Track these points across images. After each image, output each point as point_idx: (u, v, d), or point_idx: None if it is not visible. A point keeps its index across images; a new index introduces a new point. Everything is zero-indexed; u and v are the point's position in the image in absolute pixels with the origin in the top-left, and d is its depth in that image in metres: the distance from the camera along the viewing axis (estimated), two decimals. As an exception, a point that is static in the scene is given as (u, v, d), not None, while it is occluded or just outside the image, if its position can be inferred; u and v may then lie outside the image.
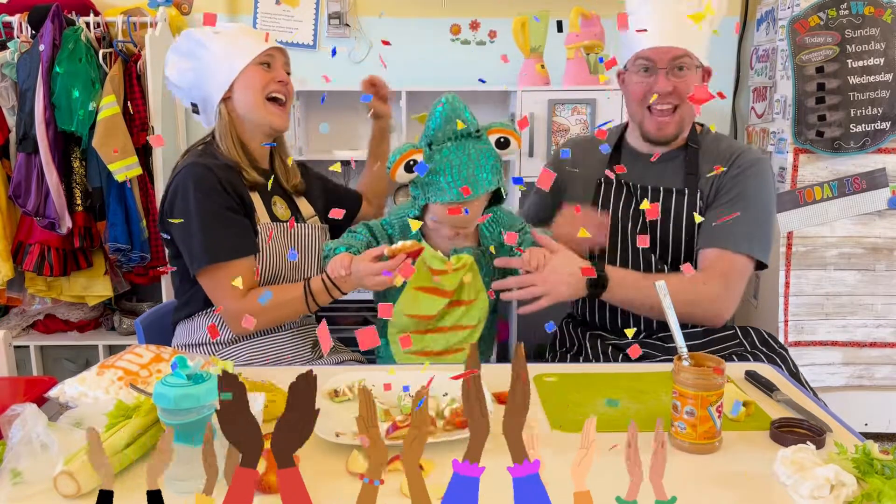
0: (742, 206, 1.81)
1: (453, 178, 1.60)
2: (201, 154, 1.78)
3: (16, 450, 1.08)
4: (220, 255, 1.68)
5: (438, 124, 1.62)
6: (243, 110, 1.79)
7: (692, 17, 1.66)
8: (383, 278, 1.58)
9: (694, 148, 1.90)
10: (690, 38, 1.79)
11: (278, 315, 1.74)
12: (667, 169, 1.91)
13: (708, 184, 1.87)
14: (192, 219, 1.68)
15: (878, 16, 2.67)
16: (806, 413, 1.32)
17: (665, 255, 1.90)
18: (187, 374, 1.06)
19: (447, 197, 1.61)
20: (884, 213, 2.82)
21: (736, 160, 1.86)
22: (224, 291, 1.69)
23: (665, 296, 1.29)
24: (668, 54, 1.80)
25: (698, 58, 1.81)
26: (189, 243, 1.71)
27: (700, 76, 1.85)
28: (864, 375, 2.93)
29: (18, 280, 3.07)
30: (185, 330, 1.81)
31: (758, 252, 1.82)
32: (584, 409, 1.37)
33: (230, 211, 1.71)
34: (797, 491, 1.04)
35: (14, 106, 2.93)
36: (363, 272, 1.59)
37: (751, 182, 1.84)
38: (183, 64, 1.81)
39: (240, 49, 1.77)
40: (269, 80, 1.79)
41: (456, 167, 1.60)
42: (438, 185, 1.62)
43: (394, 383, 1.42)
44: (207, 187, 1.69)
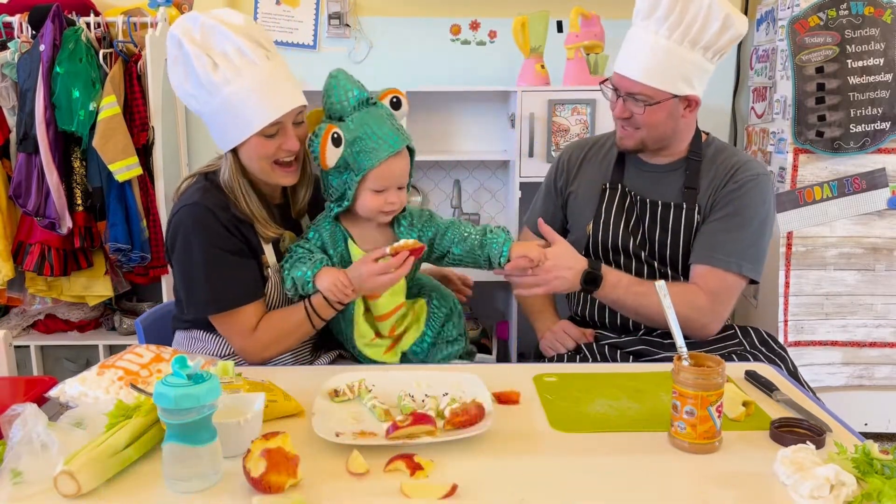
0: (737, 223, 1.81)
1: (378, 137, 1.58)
2: (206, 191, 1.65)
3: (16, 450, 1.08)
4: (225, 304, 1.63)
5: (340, 96, 1.60)
6: (249, 168, 1.65)
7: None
8: (387, 277, 1.57)
9: (695, 160, 1.90)
10: (658, 73, 1.76)
11: (289, 342, 1.69)
12: (667, 180, 1.92)
13: (706, 197, 1.86)
14: (195, 265, 1.61)
15: (878, 16, 2.67)
16: (806, 413, 1.32)
17: (664, 265, 1.90)
18: (187, 374, 1.07)
19: (383, 153, 1.58)
20: (884, 213, 2.81)
21: (734, 174, 1.85)
22: (232, 332, 1.66)
23: (665, 296, 1.29)
24: (626, 85, 1.81)
25: (669, 92, 1.77)
26: (193, 289, 1.64)
27: (674, 107, 1.81)
28: (863, 375, 2.93)
29: (19, 280, 3.07)
30: (184, 338, 1.78)
31: (748, 271, 1.81)
32: (584, 409, 1.37)
33: (236, 255, 1.63)
34: (797, 491, 1.04)
35: (14, 106, 2.93)
36: (366, 274, 1.57)
37: (747, 198, 1.83)
38: (187, 86, 1.60)
39: (244, 117, 1.57)
40: (275, 149, 1.61)
41: (376, 125, 1.59)
42: (367, 148, 1.58)
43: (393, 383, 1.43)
44: (210, 231, 1.61)
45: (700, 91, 1.83)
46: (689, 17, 1.72)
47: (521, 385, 1.46)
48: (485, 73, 3.41)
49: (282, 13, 3.32)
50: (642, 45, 1.77)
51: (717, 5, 1.71)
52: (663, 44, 1.74)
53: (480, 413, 1.26)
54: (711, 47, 1.76)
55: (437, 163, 3.40)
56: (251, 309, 1.65)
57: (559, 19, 3.23)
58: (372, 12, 3.36)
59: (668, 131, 1.85)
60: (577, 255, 1.78)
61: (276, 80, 1.59)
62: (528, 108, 2.97)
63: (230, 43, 1.54)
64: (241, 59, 1.55)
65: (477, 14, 3.38)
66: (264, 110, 1.57)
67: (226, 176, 1.66)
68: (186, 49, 1.54)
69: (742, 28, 1.75)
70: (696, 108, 1.86)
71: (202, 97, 1.58)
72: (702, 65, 1.78)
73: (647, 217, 1.90)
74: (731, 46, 1.80)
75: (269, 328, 1.66)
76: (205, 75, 1.54)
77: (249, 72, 1.55)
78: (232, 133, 1.60)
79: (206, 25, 1.55)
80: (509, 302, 3.28)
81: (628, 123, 1.85)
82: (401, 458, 1.13)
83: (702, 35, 1.73)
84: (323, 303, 1.63)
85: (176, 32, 1.57)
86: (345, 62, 3.35)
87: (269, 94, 1.57)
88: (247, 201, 1.65)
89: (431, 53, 3.39)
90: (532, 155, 2.99)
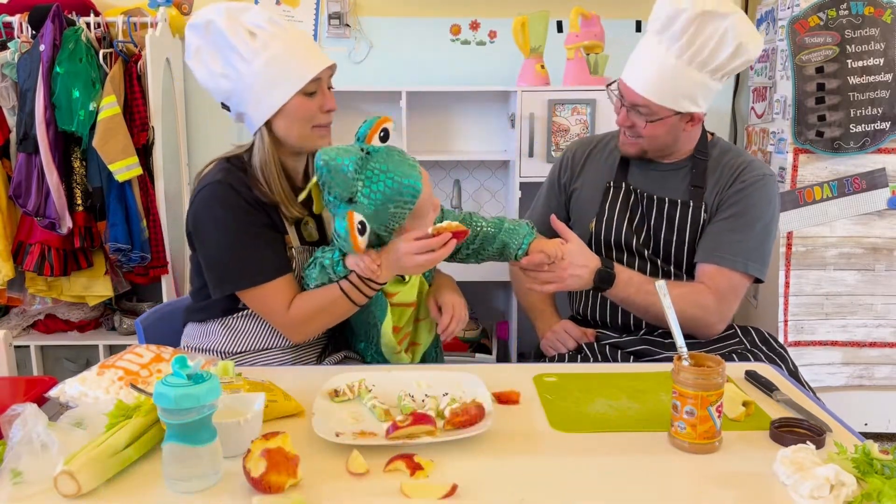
0: (743, 223, 1.82)
1: (401, 203, 1.52)
2: (227, 171, 1.65)
3: (16, 450, 1.08)
4: (257, 278, 1.62)
5: (339, 180, 1.49)
6: (286, 137, 1.66)
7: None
8: (426, 257, 1.54)
9: (701, 159, 1.90)
10: (663, 90, 1.77)
11: (327, 319, 1.67)
12: (673, 178, 1.92)
13: (712, 195, 1.87)
14: (224, 242, 1.62)
15: (878, 16, 2.67)
16: (806, 413, 1.32)
17: (668, 262, 1.91)
18: (187, 374, 1.07)
19: (409, 205, 1.53)
20: (884, 213, 2.82)
21: (740, 174, 1.86)
22: (268, 309, 1.65)
23: (665, 295, 1.29)
24: (630, 97, 1.82)
25: (672, 109, 1.78)
26: (223, 267, 1.64)
27: (676, 122, 1.82)
28: (863, 375, 2.93)
29: (19, 280, 3.07)
30: (197, 332, 1.77)
31: (754, 270, 1.83)
32: (584, 409, 1.37)
33: (263, 230, 1.64)
34: (797, 491, 1.04)
35: (14, 106, 2.93)
36: (403, 251, 1.54)
37: (754, 198, 1.84)
38: (215, 67, 1.62)
39: (286, 76, 1.60)
40: (315, 109, 1.65)
41: (392, 192, 1.50)
42: (396, 211, 1.53)
43: (393, 383, 1.43)
44: (236, 207, 1.62)
45: (704, 108, 1.83)
46: (701, 39, 1.71)
47: (521, 385, 1.46)
48: (485, 73, 3.41)
49: (282, 13, 3.32)
50: (651, 60, 1.77)
51: (731, 32, 1.70)
52: (672, 62, 1.74)
53: (480, 413, 1.26)
54: (721, 70, 1.76)
55: (437, 163, 3.40)
56: (283, 284, 1.64)
57: (559, 19, 3.24)
58: (372, 12, 3.36)
59: (669, 142, 1.87)
60: (590, 254, 1.79)
61: (309, 40, 1.68)
62: (528, 108, 2.97)
63: (259, 16, 1.61)
64: (274, 27, 1.61)
65: (477, 14, 3.38)
66: (306, 66, 1.62)
67: (259, 155, 1.67)
68: (218, 27, 1.58)
69: (754, 54, 1.75)
70: (699, 123, 1.87)
71: (238, 70, 1.60)
72: (708, 84, 1.78)
73: (654, 214, 1.90)
74: (740, 69, 1.80)
75: (304, 304, 1.65)
76: (243, 45, 1.58)
77: (285, 35, 1.61)
78: (275, 95, 1.62)
79: (231, 9, 1.61)
80: (509, 302, 3.28)
81: (630, 132, 1.87)
82: (401, 458, 1.13)
83: (712, 59, 1.73)
84: (355, 280, 1.60)
85: (199, 21, 1.61)
86: (345, 62, 3.35)
87: (307, 52, 1.64)
88: (278, 180, 1.66)
89: (431, 53, 3.39)
90: (532, 155, 2.99)
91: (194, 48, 1.63)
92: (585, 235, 1.98)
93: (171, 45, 3.17)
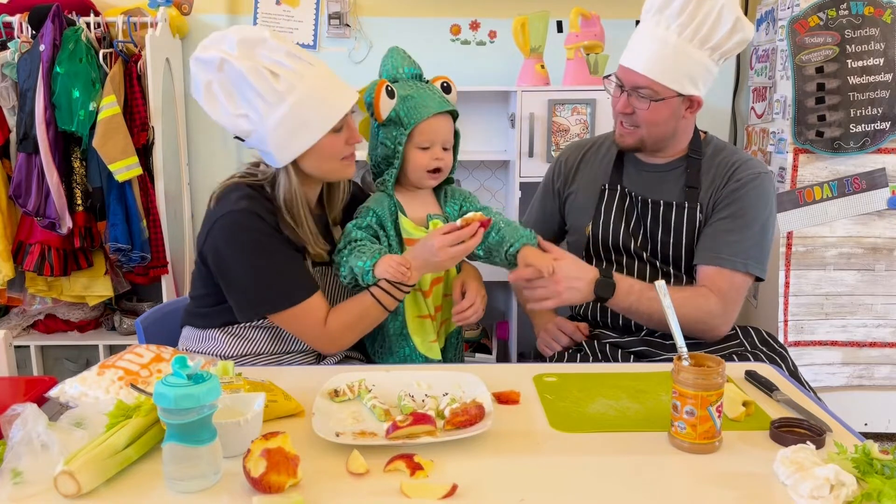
0: (741, 223, 1.81)
1: (428, 97, 1.69)
2: (252, 199, 1.62)
3: (16, 449, 1.08)
4: (295, 297, 1.61)
5: (397, 63, 1.74)
6: (313, 172, 1.66)
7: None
8: (460, 248, 1.60)
9: (695, 158, 1.90)
10: (665, 69, 1.76)
11: (363, 327, 1.69)
12: (668, 179, 1.92)
13: (707, 195, 1.86)
14: (257, 266, 1.60)
15: (877, 16, 2.67)
16: (806, 413, 1.32)
17: (667, 264, 1.91)
18: (187, 374, 1.07)
19: (430, 109, 1.68)
20: (884, 213, 2.82)
21: (735, 173, 1.85)
22: (304, 327, 1.65)
23: (665, 295, 1.29)
24: (631, 79, 1.80)
25: (674, 90, 1.77)
26: (258, 291, 1.62)
27: (677, 106, 1.81)
28: (863, 375, 2.93)
29: (19, 280, 3.07)
30: (195, 337, 1.76)
31: (755, 269, 1.82)
32: (584, 409, 1.37)
33: (291, 248, 1.64)
34: (797, 491, 1.04)
35: (14, 106, 2.93)
36: (437, 245, 1.59)
37: (750, 197, 1.82)
38: (232, 107, 1.56)
39: (315, 118, 1.57)
40: (342, 145, 1.64)
41: (426, 90, 1.71)
42: (416, 105, 1.68)
43: (393, 383, 1.43)
44: (263, 231, 1.60)
45: (703, 92, 1.83)
46: (701, 15, 1.72)
47: (521, 385, 1.46)
48: (485, 73, 3.41)
49: (282, 13, 3.32)
50: (651, 41, 1.77)
51: (728, 7, 1.72)
52: (673, 40, 1.74)
53: (480, 413, 1.26)
54: (719, 49, 1.76)
55: (437, 163, 3.40)
56: (319, 300, 1.65)
57: (559, 19, 3.24)
58: (372, 12, 3.36)
59: (668, 131, 1.85)
60: (586, 266, 1.78)
61: (331, 75, 1.62)
62: (528, 108, 2.97)
63: (278, 52, 1.54)
64: (296, 62, 1.55)
65: (477, 14, 3.38)
66: (334, 106, 1.59)
67: (284, 193, 1.63)
68: (234, 67, 1.51)
69: (750, 33, 1.76)
70: (698, 109, 1.86)
71: (260, 113, 1.54)
72: (708, 66, 1.78)
73: (649, 217, 1.90)
74: (737, 50, 1.80)
75: (340, 317, 1.66)
76: (265, 86, 1.52)
77: (309, 73, 1.56)
78: (302, 137, 1.58)
79: (244, 43, 1.53)
80: (509, 302, 3.28)
81: (629, 120, 1.85)
82: (401, 458, 1.13)
83: (712, 34, 1.73)
84: (386, 286, 1.63)
85: (209, 57, 1.52)
86: (345, 62, 3.35)
87: (333, 91, 1.61)
88: (305, 221, 1.65)
89: (431, 53, 3.38)
90: (532, 155, 2.99)
91: (204, 83, 1.55)
92: (583, 239, 1.98)
93: (171, 46, 3.17)
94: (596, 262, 1.96)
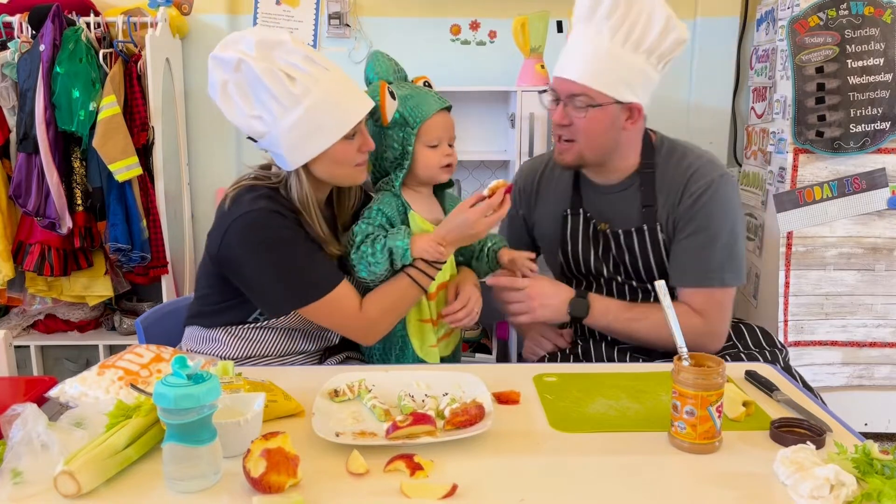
0: (706, 239, 1.75)
1: (425, 94, 1.73)
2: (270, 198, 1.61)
3: (16, 449, 1.08)
4: (326, 286, 1.61)
5: (385, 65, 1.78)
6: (325, 177, 1.65)
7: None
8: (493, 217, 1.65)
9: (649, 172, 1.81)
10: (599, 74, 1.68)
11: (400, 310, 1.70)
12: (624, 201, 1.84)
13: (665, 213, 1.79)
14: (283, 261, 1.59)
15: (878, 16, 2.67)
16: (806, 413, 1.32)
17: (643, 281, 1.86)
18: (187, 374, 1.07)
19: (433, 106, 1.71)
20: (884, 213, 2.81)
21: (688, 185, 1.76)
22: (340, 315, 1.64)
23: (665, 295, 1.29)
24: (566, 88, 1.73)
25: (611, 97, 1.70)
26: (284, 286, 1.61)
27: (616, 115, 1.73)
28: (863, 375, 2.93)
29: (19, 280, 3.07)
30: (199, 337, 1.75)
31: (731, 280, 1.77)
32: (584, 409, 1.37)
33: (312, 241, 1.64)
34: (797, 491, 1.04)
35: (14, 106, 2.93)
36: (472, 218, 1.63)
37: (708, 209, 1.75)
38: (247, 108, 1.56)
39: (328, 124, 1.56)
40: (354, 151, 1.63)
41: (417, 88, 1.77)
42: (418, 103, 1.71)
43: (393, 383, 1.43)
44: (286, 227, 1.60)
45: (644, 101, 1.74)
46: (632, 16, 1.66)
47: (521, 385, 1.46)
48: (485, 73, 3.41)
49: (282, 13, 3.32)
50: (584, 47, 1.70)
51: (659, 7, 1.67)
52: (606, 45, 1.67)
53: (480, 413, 1.26)
54: (655, 51, 1.69)
55: (437, 163, 3.40)
56: (349, 287, 1.65)
57: (559, 19, 3.23)
58: (372, 12, 3.36)
59: (608, 143, 1.76)
60: (562, 286, 1.82)
61: (347, 81, 1.62)
62: (528, 108, 2.97)
63: (295, 55, 1.53)
64: (312, 67, 1.54)
65: (477, 14, 3.38)
66: (348, 113, 1.58)
67: (297, 195, 1.63)
68: (252, 68, 1.50)
69: (684, 33, 1.70)
70: (640, 119, 1.77)
71: (274, 115, 1.54)
72: (645, 70, 1.71)
73: (612, 245, 1.85)
74: (675, 52, 1.72)
75: (377, 301, 1.67)
76: (281, 89, 1.51)
77: (324, 77, 1.55)
78: (315, 142, 1.58)
79: (262, 45, 1.52)
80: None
81: (566, 133, 1.77)
82: (401, 458, 1.13)
83: (645, 36, 1.67)
84: (422, 266, 1.67)
85: (227, 57, 1.52)
86: (345, 62, 3.35)
87: (349, 96, 1.60)
88: (318, 223, 1.65)
89: (431, 53, 3.39)
90: (532, 155, 2.99)
91: (220, 82, 1.55)
92: (556, 265, 1.97)
93: (171, 45, 3.17)
94: (574, 284, 1.93)
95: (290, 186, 1.64)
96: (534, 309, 1.77)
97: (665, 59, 1.73)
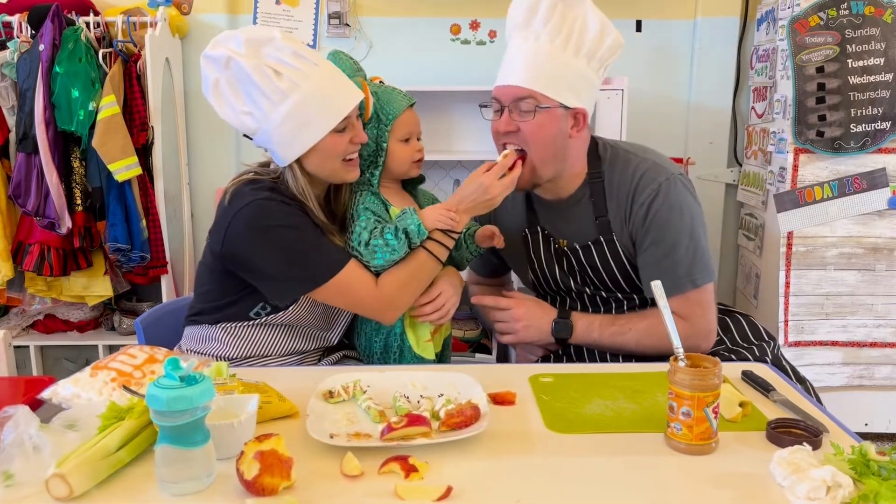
0: (666, 247, 1.72)
1: (389, 90, 1.76)
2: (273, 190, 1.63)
3: (8, 451, 1.08)
4: (339, 264, 1.61)
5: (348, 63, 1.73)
6: (317, 171, 1.65)
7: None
8: (508, 179, 1.68)
9: (597, 182, 1.78)
10: (542, 77, 1.66)
11: (418, 284, 1.69)
12: (577, 213, 1.81)
13: (618, 224, 1.76)
14: (292, 244, 1.60)
15: (878, 16, 2.66)
16: (802, 414, 1.32)
17: (614, 291, 1.84)
18: (180, 375, 1.06)
19: (403, 102, 1.74)
20: (884, 213, 2.81)
21: (635, 195, 1.73)
22: (356, 291, 1.64)
23: (661, 296, 1.29)
24: (510, 93, 1.70)
25: (556, 101, 1.67)
26: (295, 269, 1.60)
27: (563, 120, 1.70)
28: (864, 375, 2.92)
29: (18, 280, 3.07)
30: (198, 337, 1.75)
31: (702, 279, 1.73)
32: (580, 409, 1.36)
33: (319, 228, 1.66)
34: (793, 492, 1.03)
35: (14, 106, 2.93)
36: (487, 182, 1.66)
37: (659, 217, 1.72)
38: (238, 104, 1.58)
39: (317, 117, 1.57)
40: (345, 144, 1.63)
41: (381, 86, 1.80)
42: (389, 99, 1.73)
43: (389, 384, 1.42)
44: (291, 212, 1.61)
45: (588, 106, 1.72)
46: (568, 21, 1.65)
47: (517, 386, 1.45)
48: (485, 73, 3.39)
49: (282, 13, 3.32)
50: (525, 54, 1.68)
51: (592, 12, 1.67)
52: (546, 49, 1.65)
53: (476, 414, 1.26)
54: (595, 55, 1.67)
55: (436, 162, 3.40)
56: (359, 266, 1.66)
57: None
58: (372, 12, 3.36)
59: (557, 152, 1.72)
60: (546, 307, 1.81)
61: (337, 75, 1.63)
62: (528, 108, 2.96)
63: (283, 51, 1.55)
64: (300, 62, 1.55)
65: (477, 14, 3.37)
66: (337, 105, 1.59)
67: (296, 190, 1.65)
68: (240, 65, 1.52)
69: (619, 37, 1.69)
70: (584, 127, 1.73)
71: (264, 110, 1.56)
72: (587, 75, 1.69)
73: (574, 261, 1.83)
74: (612, 56, 1.71)
75: (393, 276, 1.67)
76: (269, 84, 1.53)
77: (313, 72, 1.57)
78: (305, 136, 1.59)
79: (251, 42, 1.54)
80: (509, 302, 3.27)
81: (514, 140, 1.74)
82: (395, 459, 1.13)
83: (582, 40, 1.65)
84: (438, 236, 1.68)
85: (217, 55, 1.54)
86: (344, 62, 3.35)
87: (337, 90, 1.61)
88: (317, 213, 1.67)
89: (431, 53, 3.39)
90: (532, 155, 2.98)
91: (212, 81, 1.58)
92: (529, 282, 1.98)
93: (170, 45, 3.17)
94: (549, 300, 1.92)
95: (286, 182, 1.65)
96: (517, 331, 1.79)
97: (605, 62, 1.71)
